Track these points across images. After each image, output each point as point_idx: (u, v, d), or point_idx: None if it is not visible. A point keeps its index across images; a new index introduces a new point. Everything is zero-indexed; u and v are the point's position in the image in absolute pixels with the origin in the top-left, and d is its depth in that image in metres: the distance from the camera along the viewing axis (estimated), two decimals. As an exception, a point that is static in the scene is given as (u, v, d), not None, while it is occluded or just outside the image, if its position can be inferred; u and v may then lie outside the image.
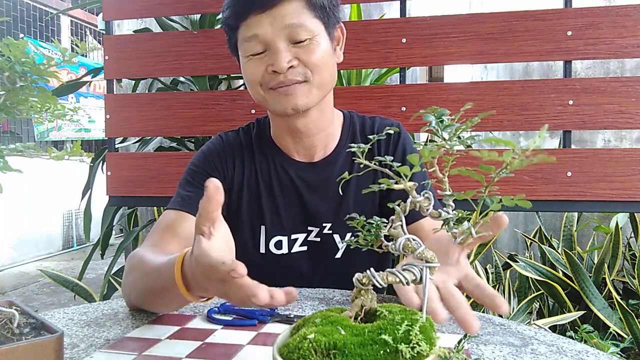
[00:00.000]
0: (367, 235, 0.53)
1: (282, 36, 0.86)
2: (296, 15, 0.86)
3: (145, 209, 2.75)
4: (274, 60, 0.87)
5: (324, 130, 0.99)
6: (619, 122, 1.49)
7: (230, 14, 0.90)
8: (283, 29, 0.86)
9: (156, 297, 0.72)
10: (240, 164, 1.01)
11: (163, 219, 0.93)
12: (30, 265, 5.21)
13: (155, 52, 1.75)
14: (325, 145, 1.01)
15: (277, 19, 0.86)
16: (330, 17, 0.92)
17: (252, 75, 0.91)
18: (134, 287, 0.79)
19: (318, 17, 0.89)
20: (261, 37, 0.87)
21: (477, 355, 0.62)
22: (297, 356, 0.43)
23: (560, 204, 1.52)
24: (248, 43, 0.88)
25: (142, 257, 0.78)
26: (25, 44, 0.50)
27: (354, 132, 1.03)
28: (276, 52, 0.87)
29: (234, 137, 1.04)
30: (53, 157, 0.52)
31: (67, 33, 6.61)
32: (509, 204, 0.43)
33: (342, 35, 0.98)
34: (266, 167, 1.01)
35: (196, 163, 1.01)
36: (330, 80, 0.94)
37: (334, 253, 1.00)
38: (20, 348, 0.47)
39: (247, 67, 0.91)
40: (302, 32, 0.87)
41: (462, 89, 1.58)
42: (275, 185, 1.00)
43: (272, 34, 0.86)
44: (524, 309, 2.13)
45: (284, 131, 1.00)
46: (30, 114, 0.54)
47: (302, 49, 0.88)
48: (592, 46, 1.49)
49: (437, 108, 0.47)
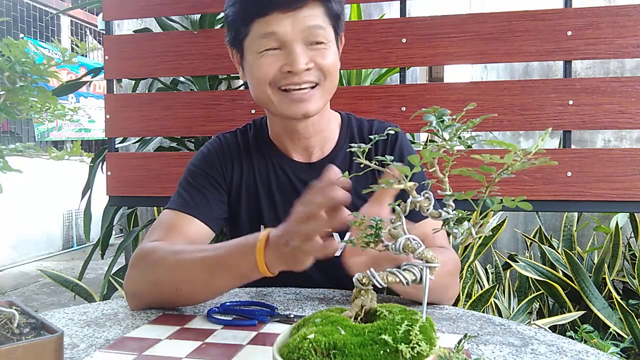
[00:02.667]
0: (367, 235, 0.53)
1: (300, 38, 0.87)
2: (316, 18, 0.87)
3: (145, 209, 2.75)
4: (291, 60, 0.87)
5: (322, 131, 1.00)
6: (619, 122, 1.49)
7: (246, 8, 0.89)
8: (303, 30, 0.86)
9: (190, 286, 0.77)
10: (239, 165, 1.02)
11: (164, 218, 0.93)
12: (30, 265, 5.21)
13: (155, 52, 1.75)
14: (322, 146, 1.02)
15: (299, 20, 0.86)
16: (340, 25, 0.94)
17: (264, 72, 0.89)
18: (150, 281, 0.80)
19: (332, 25, 0.91)
20: (280, 35, 0.86)
21: (477, 355, 0.62)
22: (297, 356, 0.43)
23: (560, 204, 1.52)
24: (264, 39, 0.88)
25: (167, 251, 0.81)
26: (25, 44, 0.50)
27: (352, 133, 1.04)
28: (294, 53, 0.87)
29: (232, 139, 1.05)
30: (53, 157, 0.52)
31: (67, 33, 6.61)
32: (510, 205, 0.43)
33: (342, 44, 1.00)
34: (264, 168, 1.02)
35: (196, 164, 1.01)
36: (336, 84, 0.95)
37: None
38: (20, 348, 0.47)
39: (260, 63, 0.89)
40: (320, 34, 0.88)
41: (462, 89, 1.58)
42: (273, 185, 1.01)
43: (291, 34, 0.86)
44: (524, 309, 2.13)
45: (282, 132, 1.00)
46: (30, 114, 0.54)
47: (317, 52, 0.89)
48: (592, 46, 1.49)
49: (438, 108, 0.47)
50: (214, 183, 0.99)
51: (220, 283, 0.77)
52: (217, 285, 0.78)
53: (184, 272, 0.77)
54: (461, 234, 0.46)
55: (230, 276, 0.75)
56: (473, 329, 0.72)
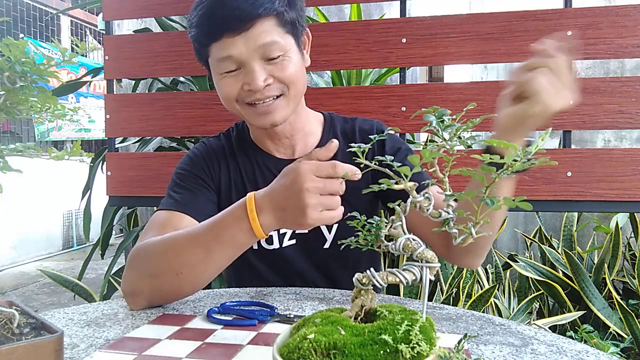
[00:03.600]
0: (367, 235, 0.53)
1: (256, 56, 0.87)
2: (269, 34, 0.87)
3: (145, 209, 2.75)
4: (250, 79, 0.88)
5: (302, 129, 1.03)
6: (619, 122, 1.49)
7: (202, 34, 0.90)
8: (257, 49, 0.87)
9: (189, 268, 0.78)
10: (226, 167, 1.04)
11: (157, 218, 0.94)
12: (30, 265, 5.21)
13: (155, 52, 1.75)
14: (305, 143, 1.04)
15: (251, 40, 0.86)
16: (299, 28, 0.93)
17: (227, 92, 0.92)
18: (149, 274, 0.81)
19: (289, 32, 0.91)
20: (235, 57, 0.88)
21: (477, 355, 0.62)
22: (297, 356, 0.43)
23: (560, 204, 1.52)
24: (222, 63, 0.89)
25: (159, 240, 0.82)
26: (25, 44, 0.50)
27: (334, 131, 1.06)
28: (252, 72, 0.88)
29: (216, 143, 1.07)
30: (53, 157, 0.52)
31: (67, 33, 6.61)
32: (510, 205, 0.43)
33: (307, 39, 0.99)
34: (250, 168, 1.04)
35: (184, 167, 1.03)
36: (303, 88, 0.97)
37: (322, 244, 1.02)
38: (20, 348, 0.47)
39: (222, 84, 0.92)
40: (275, 49, 0.88)
41: (462, 89, 1.58)
42: (260, 184, 1.02)
43: (246, 54, 0.87)
44: (524, 309, 2.13)
45: (262, 134, 1.03)
46: (30, 114, 0.54)
47: (275, 66, 0.89)
48: (592, 46, 1.49)
49: (438, 108, 0.47)
50: (202, 183, 1.01)
51: (219, 256, 0.78)
52: (216, 260, 0.78)
53: (181, 255, 0.78)
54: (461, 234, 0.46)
55: (226, 247, 0.77)
56: (473, 329, 0.72)
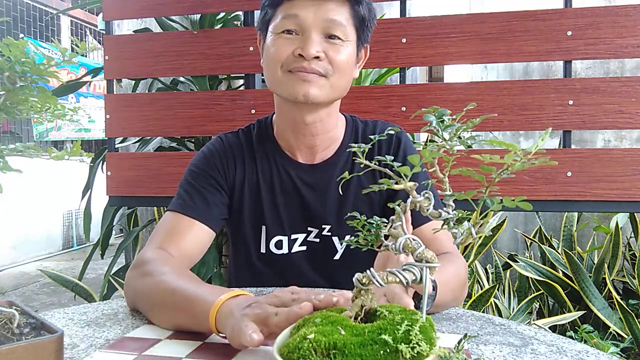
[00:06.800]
0: (367, 235, 0.53)
1: (319, 27, 0.89)
2: (339, 13, 0.90)
3: (145, 209, 2.75)
4: (304, 44, 0.89)
5: (328, 132, 1.00)
6: (619, 122, 1.49)
7: None
8: (323, 20, 0.89)
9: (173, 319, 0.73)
10: (241, 165, 1.01)
11: (166, 221, 0.94)
12: (30, 265, 5.20)
13: (155, 52, 1.75)
14: (326, 147, 1.02)
15: (321, 10, 0.89)
16: (364, 32, 0.95)
17: (277, 52, 0.91)
18: (138, 292, 0.80)
19: (355, 26, 0.93)
20: (300, 19, 0.89)
21: (477, 355, 0.62)
22: (297, 356, 0.43)
23: (560, 204, 1.52)
24: (285, 20, 0.90)
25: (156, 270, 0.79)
26: (25, 44, 0.50)
27: (356, 135, 1.04)
28: (309, 39, 0.89)
29: (234, 139, 1.04)
30: (53, 157, 0.52)
31: (67, 33, 6.61)
32: (510, 205, 0.43)
33: (364, 57, 1.01)
34: (267, 167, 1.02)
35: (197, 164, 1.01)
36: (345, 87, 0.96)
37: (333, 254, 1.00)
38: (20, 348, 0.47)
39: (275, 43, 0.92)
40: (338, 29, 0.90)
41: (462, 89, 1.58)
42: (276, 185, 1.01)
43: (311, 21, 0.89)
44: (524, 309, 2.13)
45: (288, 128, 1.00)
46: (30, 114, 0.54)
47: (332, 45, 0.90)
48: (592, 46, 1.49)
49: (438, 108, 0.47)
50: (214, 184, 0.98)
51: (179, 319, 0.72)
52: (175, 320, 0.73)
53: (158, 296, 0.75)
54: (461, 234, 0.46)
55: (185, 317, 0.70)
56: (473, 329, 0.72)
